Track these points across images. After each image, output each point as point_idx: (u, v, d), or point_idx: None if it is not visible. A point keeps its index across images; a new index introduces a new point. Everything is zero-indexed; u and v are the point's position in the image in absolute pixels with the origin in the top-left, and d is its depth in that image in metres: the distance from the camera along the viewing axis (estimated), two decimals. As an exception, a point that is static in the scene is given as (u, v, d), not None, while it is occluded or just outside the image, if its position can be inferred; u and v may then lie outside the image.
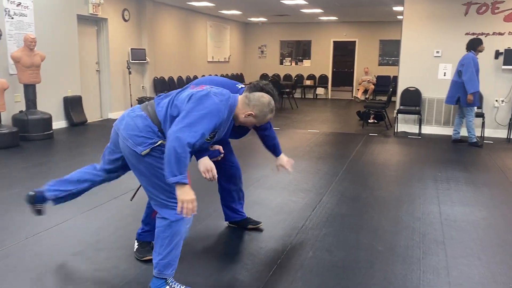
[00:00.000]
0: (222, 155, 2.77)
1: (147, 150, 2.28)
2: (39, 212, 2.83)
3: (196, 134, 2.16)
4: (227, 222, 3.45)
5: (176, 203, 2.22)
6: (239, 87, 2.94)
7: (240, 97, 2.47)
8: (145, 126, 2.32)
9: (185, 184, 2.15)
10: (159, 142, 2.30)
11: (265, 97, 2.48)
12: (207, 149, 2.64)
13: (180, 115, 2.23)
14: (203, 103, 2.25)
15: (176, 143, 2.11)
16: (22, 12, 7.09)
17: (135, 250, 2.92)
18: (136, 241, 2.94)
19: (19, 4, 7.00)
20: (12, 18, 6.92)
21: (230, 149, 3.20)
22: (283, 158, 3.27)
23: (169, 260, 2.33)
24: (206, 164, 2.60)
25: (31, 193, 2.75)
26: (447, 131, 8.07)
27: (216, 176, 2.64)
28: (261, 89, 2.81)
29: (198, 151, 2.59)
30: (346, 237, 3.29)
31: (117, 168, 2.67)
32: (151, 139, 2.30)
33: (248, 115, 2.45)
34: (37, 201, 2.75)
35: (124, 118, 2.41)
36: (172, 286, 2.38)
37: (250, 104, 2.44)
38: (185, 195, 2.15)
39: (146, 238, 2.90)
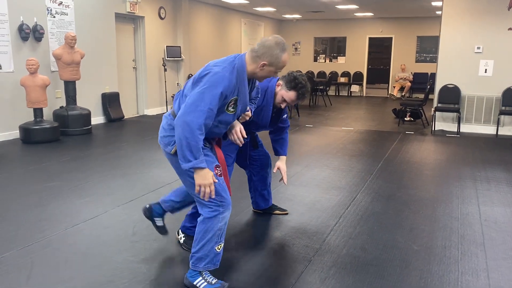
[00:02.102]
0: (250, 113, 2.60)
1: (175, 149, 2.26)
2: (162, 230, 2.85)
3: (201, 112, 2.09)
4: (254, 209, 3.61)
5: (212, 201, 2.26)
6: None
7: (247, 55, 2.29)
8: (168, 125, 2.34)
9: (202, 168, 2.12)
10: None
11: (269, 40, 2.25)
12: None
13: (187, 99, 2.19)
14: (202, 80, 2.18)
15: (184, 128, 2.07)
16: (63, 11, 7.32)
17: (182, 242, 2.97)
18: (181, 233, 3.00)
19: (60, 3, 7.23)
20: (54, 17, 7.16)
21: (259, 140, 3.34)
22: (284, 163, 3.28)
23: (201, 255, 2.36)
24: (232, 126, 2.49)
25: (147, 205, 2.81)
26: (488, 129, 7.80)
27: (244, 136, 2.49)
28: (294, 78, 2.86)
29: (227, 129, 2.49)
30: (381, 235, 3.24)
31: None
32: (174, 136, 2.23)
33: (262, 65, 2.24)
34: (154, 215, 2.79)
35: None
36: (206, 278, 2.41)
37: (259, 55, 2.24)
38: (202, 179, 2.14)
39: (193, 233, 2.94)
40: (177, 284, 2.53)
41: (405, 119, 8.98)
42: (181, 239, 2.99)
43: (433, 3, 10.79)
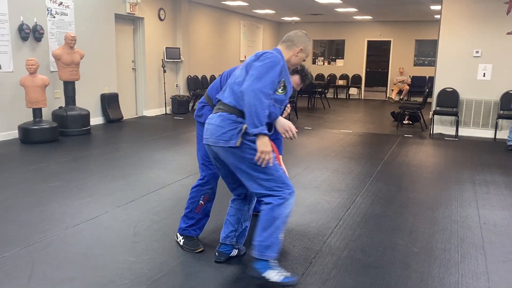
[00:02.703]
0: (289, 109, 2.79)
1: (240, 139, 2.34)
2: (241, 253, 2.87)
3: (266, 82, 2.28)
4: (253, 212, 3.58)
5: (278, 189, 2.36)
6: None
7: (280, 47, 2.57)
8: (227, 120, 2.39)
9: (265, 135, 2.29)
10: (244, 126, 2.34)
11: (297, 31, 2.60)
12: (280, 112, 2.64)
13: (248, 75, 2.33)
14: (260, 59, 2.38)
15: (253, 96, 2.24)
16: (63, 11, 7.32)
17: (182, 244, 2.98)
18: (179, 235, 3.01)
19: (60, 3, 7.23)
20: (54, 17, 7.16)
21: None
22: (281, 163, 3.31)
23: (269, 243, 2.39)
24: (284, 124, 2.56)
25: (216, 254, 2.78)
26: (486, 133, 7.84)
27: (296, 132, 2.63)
28: (301, 68, 2.91)
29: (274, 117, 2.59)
30: (381, 238, 3.25)
31: (235, 181, 2.68)
32: (236, 128, 2.36)
33: (299, 51, 2.56)
34: (227, 253, 2.78)
35: (207, 130, 2.47)
36: (278, 270, 2.44)
37: (294, 43, 2.55)
38: (264, 146, 2.30)
39: (190, 233, 2.97)
40: (179, 284, 2.53)
41: (404, 122, 9.01)
42: (180, 241, 3.00)
43: (432, 7, 10.84)
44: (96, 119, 8.11)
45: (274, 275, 2.42)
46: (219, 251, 2.78)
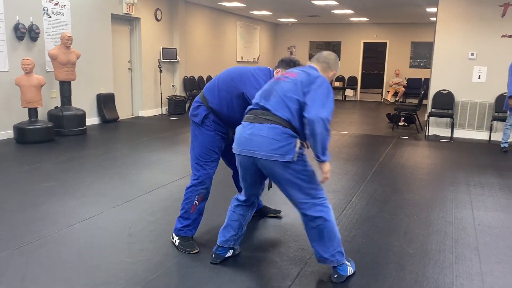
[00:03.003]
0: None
1: (296, 154, 2.37)
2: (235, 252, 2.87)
3: (329, 110, 2.35)
4: None
5: (320, 196, 2.48)
6: (271, 69, 3.00)
7: (316, 67, 2.63)
8: (282, 134, 2.37)
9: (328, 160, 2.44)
10: (298, 142, 2.39)
11: (330, 54, 2.69)
12: None
13: (308, 100, 2.36)
14: (319, 80, 2.43)
15: (321, 124, 2.29)
16: (60, 11, 7.30)
17: (177, 244, 2.97)
18: (175, 236, 3.00)
19: (56, 3, 7.22)
20: (50, 16, 7.14)
21: None
22: None
23: (338, 248, 2.54)
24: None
25: (213, 256, 2.79)
26: (481, 135, 7.87)
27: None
28: (290, 60, 2.93)
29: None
30: (376, 239, 3.26)
31: (258, 188, 2.72)
32: (291, 143, 2.37)
33: (332, 75, 2.68)
34: (223, 255, 2.78)
35: (252, 141, 2.41)
36: (347, 264, 2.62)
37: (330, 66, 2.65)
38: (328, 168, 2.47)
39: (186, 233, 2.97)
40: (174, 285, 2.53)
41: (399, 124, 9.04)
42: (176, 242, 3.00)
43: (428, 9, 10.88)
44: (92, 119, 8.09)
45: (350, 269, 2.64)
46: (216, 253, 2.78)
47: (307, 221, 2.51)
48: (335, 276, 2.59)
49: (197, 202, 2.93)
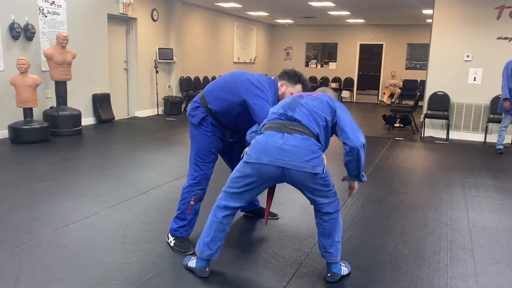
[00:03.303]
0: None
1: (325, 168, 2.45)
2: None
3: (362, 133, 2.51)
4: (243, 212, 3.63)
5: (335, 195, 2.59)
6: (272, 78, 3.03)
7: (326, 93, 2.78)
8: (312, 146, 2.40)
9: None
10: (324, 156, 2.48)
11: (327, 89, 2.86)
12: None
13: (342, 125, 2.48)
14: (337, 104, 2.57)
15: (363, 150, 2.48)
16: (55, 11, 7.28)
17: (172, 245, 2.97)
18: (171, 236, 3.00)
19: (52, 3, 7.19)
20: (46, 16, 7.11)
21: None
22: None
23: (340, 246, 2.64)
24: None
25: (205, 268, 2.63)
26: (476, 137, 7.91)
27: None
28: (295, 74, 2.99)
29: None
30: (371, 240, 3.26)
31: (252, 198, 2.73)
32: (320, 156, 2.44)
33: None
34: (206, 267, 2.63)
35: (285, 151, 2.36)
36: (343, 264, 2.71)
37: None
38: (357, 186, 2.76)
39: (182, 233, 2.97)
40: (169, 286, 2.52)
41: (395, 125, 9.06)
42: (171, 242, 3.00)
43: (424, 11, 10.92)
44: (88, 120, 8.06)
45: (345, 269, 2.70)
46: (205, 270, 2.61)
47: (322, 216, 2.57)
48: (329, 275, 2.62)
49: (193, 203, 2.93)
